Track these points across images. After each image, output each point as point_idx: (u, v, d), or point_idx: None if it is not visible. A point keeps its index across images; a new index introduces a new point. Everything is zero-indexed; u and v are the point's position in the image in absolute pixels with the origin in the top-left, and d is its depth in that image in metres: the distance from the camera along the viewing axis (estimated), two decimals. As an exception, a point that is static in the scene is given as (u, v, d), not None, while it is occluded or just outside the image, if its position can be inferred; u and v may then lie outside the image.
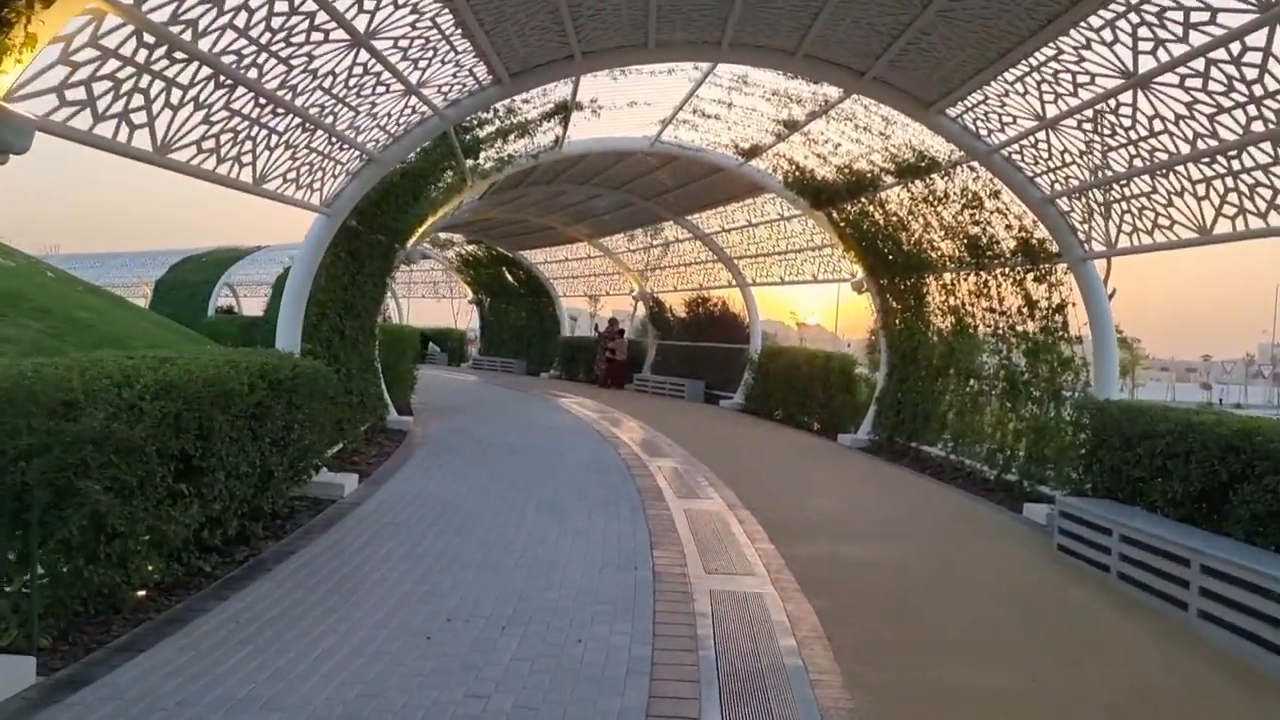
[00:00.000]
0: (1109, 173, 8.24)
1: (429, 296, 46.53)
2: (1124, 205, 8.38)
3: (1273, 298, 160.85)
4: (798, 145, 13.15)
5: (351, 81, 7.23)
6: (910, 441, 13.80)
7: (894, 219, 13.16)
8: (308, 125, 7.31)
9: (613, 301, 31.45)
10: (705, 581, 6.66)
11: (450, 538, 7.57)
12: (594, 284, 29.44)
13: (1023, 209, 10.18)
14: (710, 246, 21.16)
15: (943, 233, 12.17)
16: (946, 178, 11.12)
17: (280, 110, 6.75)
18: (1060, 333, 10.41)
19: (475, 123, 10.80)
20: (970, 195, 10.88)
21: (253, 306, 39.02)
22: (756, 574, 6.98)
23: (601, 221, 23.89)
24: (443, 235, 32.33)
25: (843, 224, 14.61)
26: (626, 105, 11.96)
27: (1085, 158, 8.37)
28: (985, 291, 11.78)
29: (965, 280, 12.29)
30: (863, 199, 13.41)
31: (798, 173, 14.01)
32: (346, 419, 11.00)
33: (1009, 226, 10.67)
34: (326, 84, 6.97)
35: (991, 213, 10.79)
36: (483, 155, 12.61)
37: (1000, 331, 11.60)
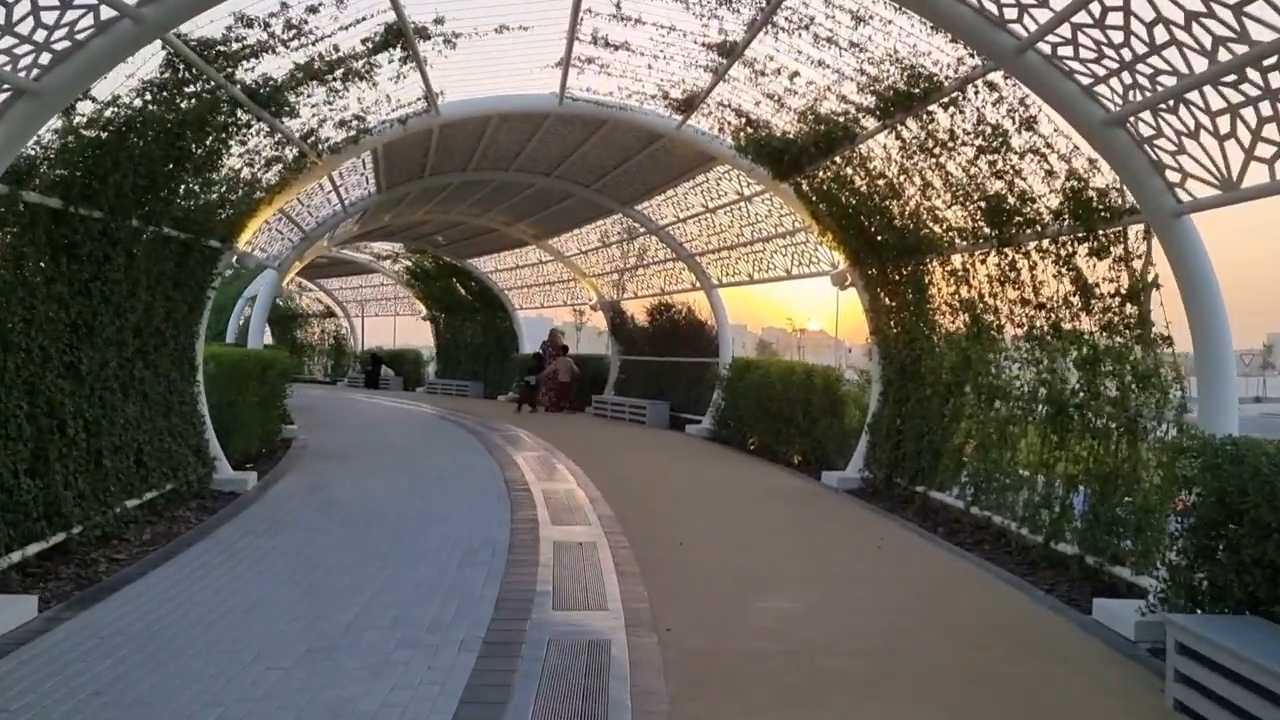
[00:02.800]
0: (1242, 49, 4.69)
1: (409, 314, 42.90)
2: (1266, 107, 4.83)
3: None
4: (743, 86, 9.61)
5: None
6: (914, 484, 10.23)
7: (880, 182, 9.63)
8: None
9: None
10: None
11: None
12: (550, 293, 25.91)
13: (1073, 141, 6.67)
14: (667, 242, 17.64)
15: (949, 195, 8.62)
16: (952, 108, 7.57)
17: None
18: (1135, 331, 6.85)
19: (241, 46, 7.24)
20: (990, 130, 7.32)
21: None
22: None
23: (542, 220, 20.39)
24: (383, 246, 29.04)
25: (814, 197, 11.07)
26: (494, 31, 8.43)
27: (1195, 25, 4.82)
28: (1014, 276, 8.23)
29: (983, 262, 8.75)
30: (836, 158, 9.87)
31: (749, 129, 10.47)
32: (94, 490, 7.53)
33: (1050, 173, 7.11)
34: None
35: (1022, 154, 7.23)
36: (307, 112, 9.11)
37: (1038, 332, 8.05)
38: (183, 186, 8.34)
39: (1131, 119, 5.85)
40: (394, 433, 17.48)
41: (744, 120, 10.38)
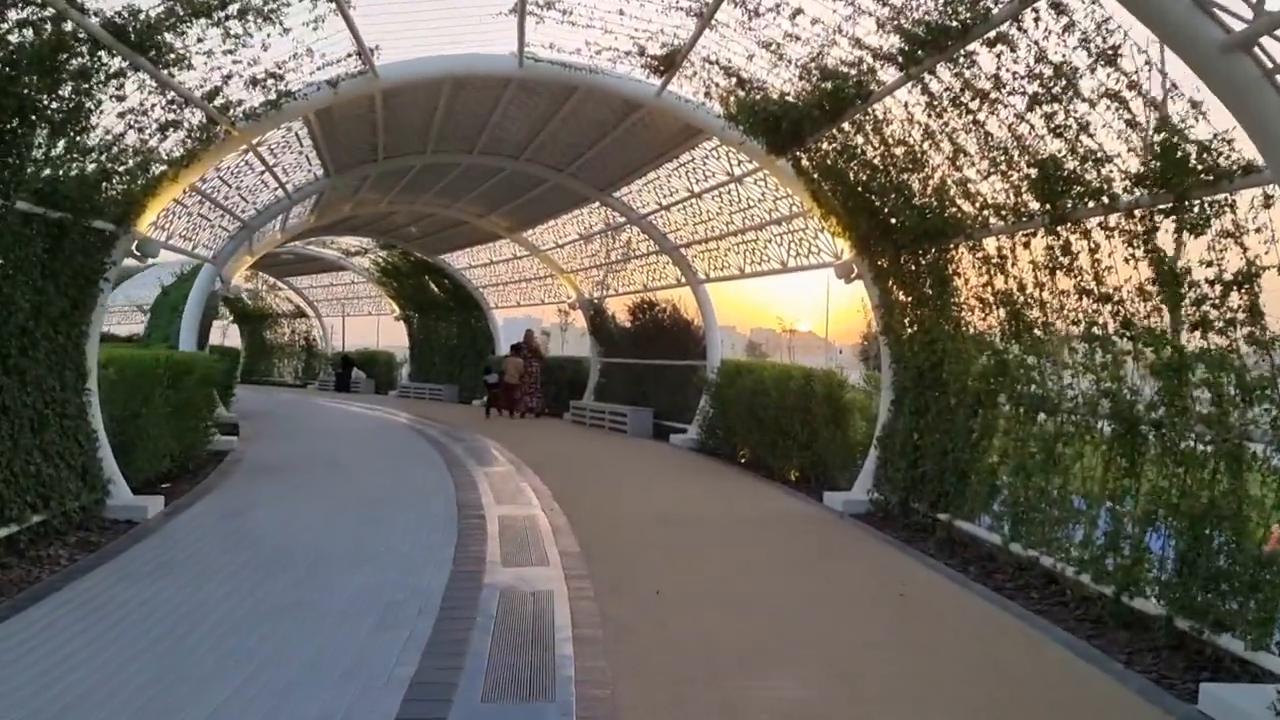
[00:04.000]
0: None
1: (390, 314, 40.83)
2: None
3: None
4: (734, 34, 8.03)
5: None
6: (936, 511, 8.68)
7: (898, 152, 8.06)
8: None
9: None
10: None
11: None
12: (526, 290, 24.27)
13: (1167, 82, 5.11)
14: (649, 233, 16.03)
15: (986, 163, 7.05)
16: (1001, 44, 6.00)
17: None
18: (1243, 328, 5.28)
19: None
20: (1052, 71, 5.75)
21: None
22: None
23: (515, 210, 18.77)
24: (351, 241, 27.44)
25: (815, 175, 9.51)
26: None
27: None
28: (1068, 261, 6.66)
29: (1027, 246, 7.18)
30: (844, 124, 8.31)
31: (740, 90, 8.89)
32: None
33: (1132, 124, 5.53)
34: None
35: (1095, 101, 5.66)
36: (203, 63, 7.50)
37: (1101, 330, 6.48)
38: (36, 150, 6.70)
39: (1263, 39, 4.29)
40: (347, 443, 15.83)
41: (734, 80, 8.80)
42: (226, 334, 40.48)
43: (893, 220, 8.84)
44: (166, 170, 8.66)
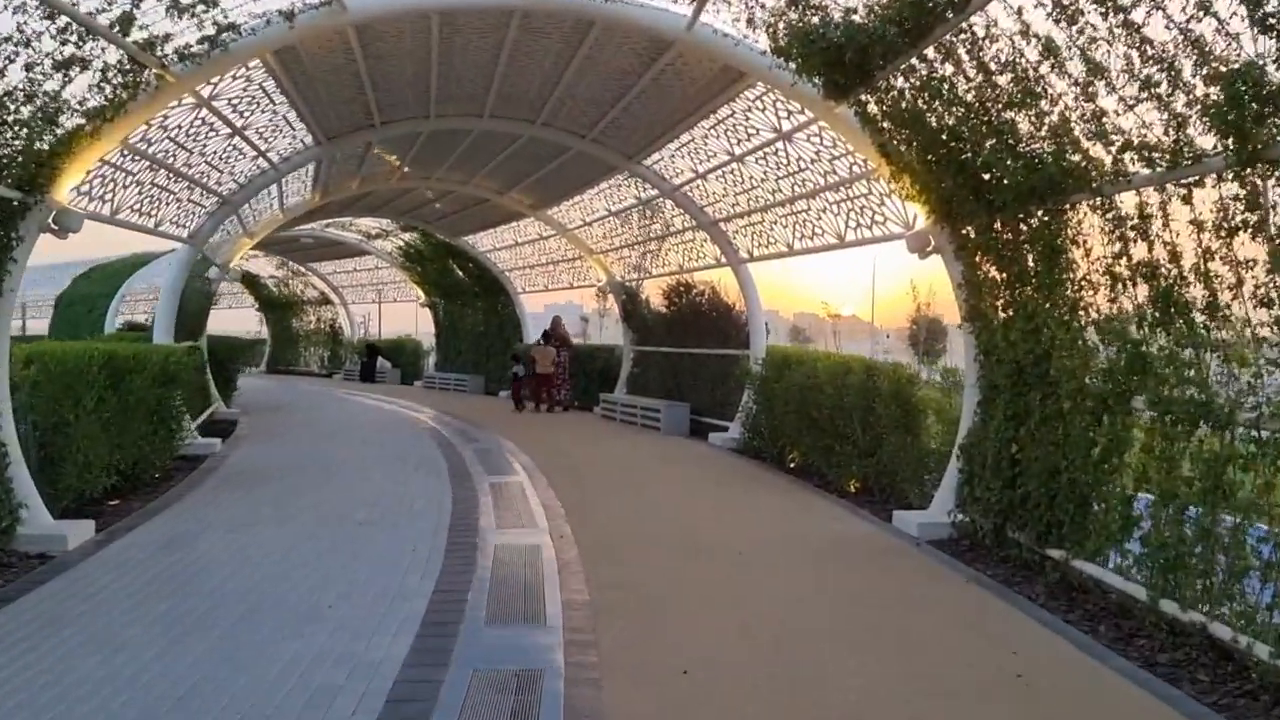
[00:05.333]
0: None
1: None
2: None
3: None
4: (787, -73, 6.23)
5: None
6: (1044, 544, 6.83)
7: (1002, 81, 6.17)
8: None
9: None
10: None
11: None
12: (553, 274, 22.55)
13: None
14: (684, 206, 14.20)
15: (1135, 86, 5.15)
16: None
17: None
18: None
19: None
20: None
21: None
22: None
23: (537, 185, 17.02)
24: (370, 223, 25.95)
25: (886, 121, 7.64)
26: None
27: None
28: (1257, 219, 4.76)
29: (1186, 200, 5.28)
30: (929, 49, 6.44)
31: (791, 12, 7.02)
32: None
33: None
34: None
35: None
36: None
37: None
38: None
39: None
40: (347, 445, 14.19)
41: (784, 0, 6.94)
42: (263, 323, 39.25)
43: (986, 175, 6.96)
44: (83, 124, 7.02)
